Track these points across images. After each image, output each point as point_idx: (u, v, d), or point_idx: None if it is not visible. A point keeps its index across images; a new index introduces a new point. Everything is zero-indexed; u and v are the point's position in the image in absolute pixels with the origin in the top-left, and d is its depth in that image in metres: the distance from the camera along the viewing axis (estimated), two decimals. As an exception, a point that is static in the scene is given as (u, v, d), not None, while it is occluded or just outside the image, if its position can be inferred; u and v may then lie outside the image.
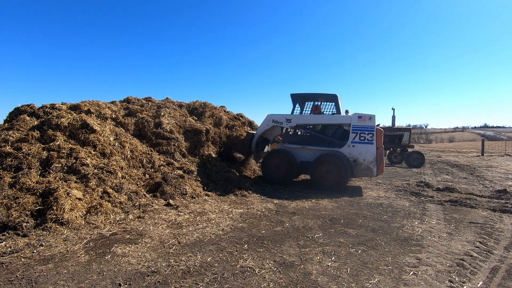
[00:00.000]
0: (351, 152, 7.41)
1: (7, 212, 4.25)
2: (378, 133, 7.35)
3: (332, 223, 4.87)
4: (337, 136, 7.81)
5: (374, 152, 7.24)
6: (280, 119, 8.26)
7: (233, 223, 4.77)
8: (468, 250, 3.80)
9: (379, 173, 7.36)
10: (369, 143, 7.30)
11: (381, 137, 7.40)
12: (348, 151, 7.43)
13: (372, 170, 7.25)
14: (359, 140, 7.37)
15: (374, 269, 3.28)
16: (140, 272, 3.13)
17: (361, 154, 7.33)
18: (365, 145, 7.32)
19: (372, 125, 7.34)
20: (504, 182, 8.74)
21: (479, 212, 5.63)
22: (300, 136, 8.38)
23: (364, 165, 7.31)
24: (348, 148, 7.44)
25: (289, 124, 8.15)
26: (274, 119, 8.32)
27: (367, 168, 7.29)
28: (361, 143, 7.35)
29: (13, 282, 2.90)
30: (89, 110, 7.25)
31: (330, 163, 7.38)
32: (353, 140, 7.42)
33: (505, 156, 16.57)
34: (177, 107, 9.63)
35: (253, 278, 3.05)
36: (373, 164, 7.25)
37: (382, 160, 7.34)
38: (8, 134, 5.84)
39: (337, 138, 7.75)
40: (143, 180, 6.36)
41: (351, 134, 7.43)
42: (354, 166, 7.36)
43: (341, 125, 7.84)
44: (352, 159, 7.38)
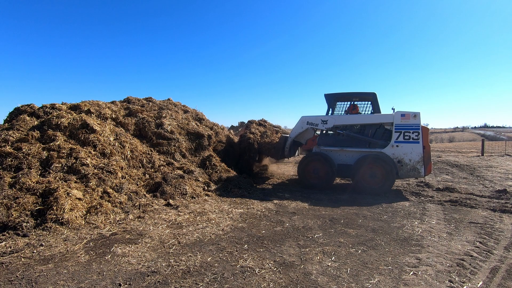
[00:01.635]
0: (395, 153, 7.07)
1: (7, 212, 4.25)
2: (424, 131, 6.99)
3: (332, 223, 4.87)
4: (377, 136, 7.47)
5: (421, 151, 6.91)
6: (315, 121, 7.97)
7: (233, 223, 4.77)
8: (468, 250, 3.80)
9: (427, 174, 7.01)
10: (414, 142, 6.96)
11: (427, 135, 7.05)
12: (392, 151, 7.09)
13: (419, 171, 6.91)
14: (403, 139, 7.04)
15: (374, 269, 3.28)
16: (140, 272, 3.13)
17: (406, 154, 6.99)
18: (411, 144, 6.98)
19: (417, 123, 6.97)
20: (504, 182, 8.74)
21: (479, 212, 5.62)
22: (336, 137, 7.89)
23: (410, 166, 6.98)
24: (391, 148, 7.10)
25: (325, 126, 7.82)
26: (309, 121, 8.03)
27: (414, 168, 6.96)
28: (406, 142, 7.01)
29: (13, 282, 2.90)
30: (89, 110, 7.25)
31: (373, 165, 7.08)
32: (396, 139, 7.08)
33: (505, 156, 16.57)
34: (180, 109, 9.65)
35: (253, 278, 3.04)
36: (420, 164, 6.91)
37: (429, 160, 7.02)
38: (8, 134, 5.84)
39: (378, 139, 7.42)
40: (143, 180, 6.36)
41: (394, 134, 7.09)
42: (399, 167, 7.03)
43: (382, 124, 7.45)
44: (396, 159, 7.05)
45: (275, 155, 8.53)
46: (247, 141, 8.76)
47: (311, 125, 8.03)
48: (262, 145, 8.70)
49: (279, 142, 8.37)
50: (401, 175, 7.11)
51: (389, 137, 7.26)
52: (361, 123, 7.74)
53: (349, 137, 7.67)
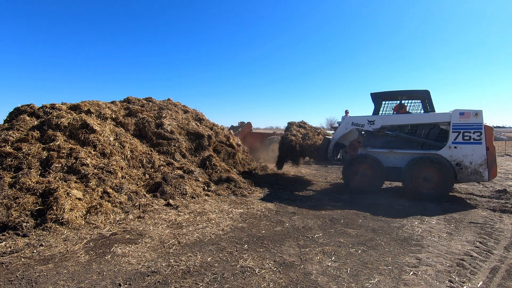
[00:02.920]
0: (453, 154, 6.42)
1: (7, 212, 4.25)
2: (487, 131, 6.29)
3: (332, 223, 4.87)
4: (431, 137, 6.90)
5: (484, 153, 6.21)
6: (360, 121, 7.43)
7: (233, 223, 4.77)
8: (468, 250, 3.80)
9: (491, 178, 6.32)
10: (476, 143, 6.26)
11: (491, 135, 6.38)
12: (449, 153, 6.45)
13: (482, 174, 6.22)
14: (463, 140, 6.35)
15: (374, 269, 3.28)
16: (140, 272, 3.13)
17: (466, 156, 6.33)
18: (471, 145, 6.29)
19: (479, 121, 6.26)
20: (504, 182, 8.74)
21: (479, 212, 5.62)
22: (384, 139, 7.32)
23: (471, 169, 6.30)
24: (448, 150, 6.45)
25: (372, 127, 7.25)
26: (354, 121, 7.52)
27: (475, 172, 6.27)
28: (466, 143, 6.33)
29: (13, 282, 2.90)
30: (89, 110, 7.26)
31: (428, 168, 6.52)
32: (454, 140, 6.42)
33: (505, 156, 16.57)
34: (180, 110, 9.65)
35: (253, 278, 3.04)
36: (483, 167, 6.21)
37: (494, 162, 6.32)
38: (8, 134, 5.84)
39: (432, 140, 6.85)
40: (143, 180, 6.37)
41: (452, 134, 6.43)
42: (458, 171, 6.39)
43: (437, 124, 6.80)
44: (454, 162, 6.41)
45: (318, 157, 8.37)
46: (289, 143, 8.63)
47: (357, 126, 7.49)
48: (304, 147, 8.59)
49: (322, 144, 8.16)
50: (460, 179, 6.46)
51: (445, 137, 6.67)
52: (412, 123, 7.12)
53: (399, 138, 7.13)
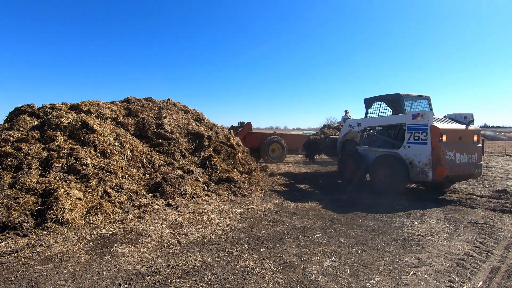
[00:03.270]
0: (407, 154, 6.75)
1: (7, 212, 4.25)
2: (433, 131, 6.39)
3: (332, 223, 4.87)
4: (398, 138, 7.27)
5: (429, 153, 6.35)
6: (353, 124, 8.93)
7: (233, 223, 4.77)
8: (468, 250, 3.80)
9: (437, 178, 6.33)
10: (422, 143, 6.49)
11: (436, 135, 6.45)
12: (405, 152, 6.80)
13: (427, 174, 6.39)
14: (414, 140, 6.65)
15: (374, 269, 3.28)
16: (140, 272, 3.12)
17: (416, 155, 6.58)
18: (419, 145, 6.54)
19: (425, 122, 6.47)
20: (504, 182, 8.73)
21: (479, 212, 5.62)
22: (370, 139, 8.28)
23: (419, 168, 6.52)
24: (404, 149, 6.82)
25: (359, 128, 8.59)
26: (350, 124, 9.09)
27: (422, 171, 6.48)
28: (416, 143, 6.61)
29: (13, 282, 2.90)
30: (89, 110, 7.25)
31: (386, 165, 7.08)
32: (408, 140, 6.75)
33: (505, 156, 16.56)
34: (180, 110, 9.65)
35: (253, 278, 3.04)
36: (427, 167, 6.37)
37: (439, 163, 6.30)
38: (8, 134, 5.84)
39: (398, 140, 7.23)
40: (143, 180, 6.37)
41: (407, 134, 6.78)
42: (410, 169, 6.67)
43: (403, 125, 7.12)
44: (408, 161, 6.72)
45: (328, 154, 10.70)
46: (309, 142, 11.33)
47: (351, 127, 8.97)
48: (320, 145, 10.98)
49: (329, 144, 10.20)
50: (412, 177, 6.72)
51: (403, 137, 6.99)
52: (382, 125, 8.03)
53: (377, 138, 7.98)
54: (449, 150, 6.37)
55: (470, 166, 6.64)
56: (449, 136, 6.42)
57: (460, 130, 6.64)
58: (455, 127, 6.67)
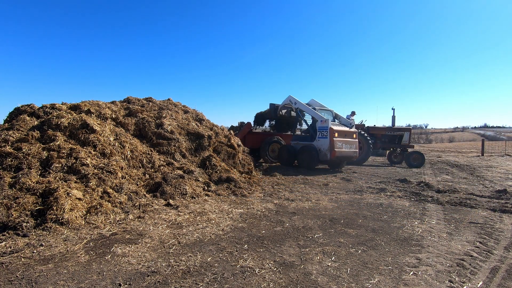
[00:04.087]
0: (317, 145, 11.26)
1: (7, 212, 4.25)
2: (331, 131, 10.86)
3: (332, 223, 4.87)
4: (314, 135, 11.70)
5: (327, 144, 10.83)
6: None
7: (233, 223, 4.77)
8: (468, 250, 3.80)
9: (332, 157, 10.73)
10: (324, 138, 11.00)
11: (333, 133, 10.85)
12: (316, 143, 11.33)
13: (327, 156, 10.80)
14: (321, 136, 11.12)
15: (374, 269, 3.28)
16: (140, 272, 3.12)
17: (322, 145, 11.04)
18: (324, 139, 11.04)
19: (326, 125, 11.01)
20: (504, 182, 8.74)
21: (479, 212, 5.62)
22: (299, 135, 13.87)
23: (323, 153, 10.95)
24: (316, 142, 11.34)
25: None
26: None
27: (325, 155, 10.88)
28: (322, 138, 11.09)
29: (13, 282, 2.90)
30: (89, 110, 7.25)
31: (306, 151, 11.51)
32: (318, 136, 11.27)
33: (505, 156, 16.56)
34: (180, 110, 9.64)
35: (253, 278, 3.04)
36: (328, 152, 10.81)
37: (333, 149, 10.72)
38: (8, 134, 5.84)
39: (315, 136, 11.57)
40: (143, 180, 6.36)
41: (318, 132, 11.30)
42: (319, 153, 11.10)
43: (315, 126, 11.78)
44: (318, 149, 11.18)
45: None
46: None
47: None
48: None
49: None
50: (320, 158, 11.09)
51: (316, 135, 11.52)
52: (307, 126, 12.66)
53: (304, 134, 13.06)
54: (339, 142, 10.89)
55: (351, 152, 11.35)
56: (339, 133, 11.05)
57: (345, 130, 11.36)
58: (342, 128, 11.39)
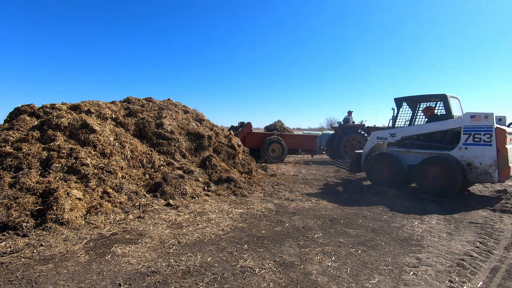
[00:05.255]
0: (464, 155, 6.64)
1: (7, 212, 4.25)
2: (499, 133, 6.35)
3: (332, 223, 4.87)
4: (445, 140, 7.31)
5: (494, 154, 6.29)
6: (383, 135, 8.08)
7: (233, 223, 4.77)
8: (468, 250, 3.80)
9: (502, 179, 6.33)
10: (486, 144, 6.40)
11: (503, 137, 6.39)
12: (460, 154, 6.69)
13: (492, 175, 6.30)
14: (473, 141, 6.55)
15: (374, 269, 3.28)
16: (140, 272, 3.12)
17: (476, 157, 6.50)
18: (481, 147, 6.45)
19: (490, 124, 6.39)
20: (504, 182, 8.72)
21: (479, 212, 5.62)
22: None
23: (481, 169, 6.43)
24: (459, 150, 6.71)
25: (394, 138, 7.77)
26: (378, 135, 8.18)
27: (485, 172, 6.38)
28: (476, 144, 6.52)
29: (13, 282, 2.90)
30: (89, 110, 7.25)
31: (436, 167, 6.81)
32: (465, 141, 6.64)
33: (505, 156, 16.53)
34: (180, 110, 9.65)
35: (253, 278, 3.04)
36: (492, 168, 6.29)
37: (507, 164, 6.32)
38: (8, 134, 5.84)
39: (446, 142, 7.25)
40: (143, 180, 6.36)
41: (463, 136, 6.66)
42: (468, 170, 6.58)
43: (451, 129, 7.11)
44: (465, 162, 6.60)
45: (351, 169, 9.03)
46: None
47: (381, 139, 8.12)
48: None
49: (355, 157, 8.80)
50: (470, 178, 6.62)
51: (457, 139, 6.86)
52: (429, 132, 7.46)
53: None
54: None
55: None
56: None
57: None
58: None
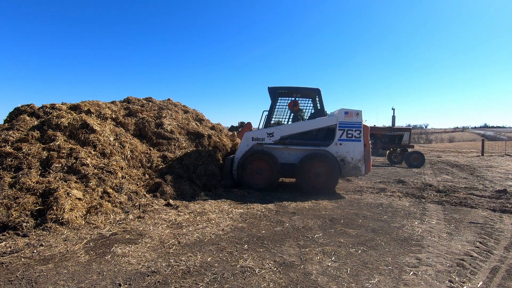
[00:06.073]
0: (339, 151, 7.07)
1: (7, 212, 4.25)
2: (365, 130, 7.07)
3: (332, 223, 4.87)
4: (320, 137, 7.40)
5: (362, 149, 7.00)
6: (260, 135, 7.44)
7: (233, 223, 4.77)
8: (468, 250, 3.80)
9: (367, 172, 7.15)
10: (356, 140, 7.01)
11: (367, 133, 7.16)
12: (335, 149, 7.08)
13: (360, 169, 7.01)
14: (347, 137, 7.04)
15: (374, 269, 3.28)
16: (140, 272, 3.13)
17: (348, 152, 7.02)
18: (353, 142, 7.03)
19: (359, 121, 7.04)
20: (504, 182, 8.74)
21: (479, 212, 5.63)
22: None
23: (352, 164, 7.02)
24: (335, 146, 7.08)
25: (273, 139, 7.32)
26: (254, 136, 7.47)
27: (355, 167, 7.02)
28: (349, 140, 7.03)
29: (13, 282, 2.90)
30: (89, 110, 7.25)
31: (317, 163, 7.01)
32: (340, 137, 7.07)
33: (505, 156, 16.57)
34: (180, 110, 9.64)
35: (253, 278, 3.05)
36: (361, 163, 7.01)
37: (369, 158, 7.17)
38: (8, 134, 5.84)
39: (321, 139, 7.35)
40: (143, 180, 6.36)
41: (338, 131, 7.06)
42: (342, 166, 7.02)
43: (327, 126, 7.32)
44: (339, 158, 7.03)
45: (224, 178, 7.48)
46: None
47: (257, 141, 7.45)
48: None
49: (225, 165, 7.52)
50: (343, 174, 7.11)
51: (332, 135, 7.18)
52: (307, 130, 7.40)
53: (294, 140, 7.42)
54: None
55: None
56: None
57: None
58: None
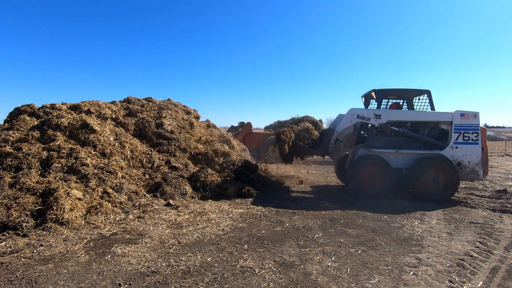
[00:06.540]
0: (455, 155, 6.61)
1: (7, 212, 4.25)
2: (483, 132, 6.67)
3: (332, 223, 4.87)
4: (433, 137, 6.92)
5: (480, 153, 6.59)
6: (367, 114, 6.98)
7: (233, 223, 4.77)
8: (468, 250, 3.80)
9: (485, 176, 6.76)
10: (474, 143, 6.59)
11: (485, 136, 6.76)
12: (451, 153, 6.61)
13: (478, 173, 6.59)
14: (463, 140, 6.59)
15: (374, 269, 3.28)
16: (140, 272, 3.12)
17: (465, 156, 6.60)
18: (470, 145, 6.60)
19: (477, 123, 6.60)
20: (504, 182, 8.73)
21: (479, 212, 5.63)
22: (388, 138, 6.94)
23: (470, 168, 6.61)
24: (451, 150, 6.62)
25: (379, 121, 6.84)
26: (360, 114, 7.01)
27: (473, 171, 6.60)
28: (465, 143, 6.59)
29: (13, 282, 2.90)
30: (89, 110, 7.25)
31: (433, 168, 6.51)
32: (455, 140, 6.61)
33: (505, 156, 16.56)
34: (180, 110, 9.64)
35: (253, 278, 3.04)
36: (479, 166, 6.58)
37: (487, 162, 6.75)
38: (8, 134, 5.84)
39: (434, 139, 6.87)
40: (143, 180, 6.36)
41: (454, 134, 6.61)
42: (458, 170, 6.59)
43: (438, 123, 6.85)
44: (456, 162, 6.60)
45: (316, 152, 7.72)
46: None
47: (362, 119, 7.01)
48: None
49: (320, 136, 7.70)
50: (460, 178, 6.67)
51: (446, 137, 6.78)
52: (416, 120, 7.00)
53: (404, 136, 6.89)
54: None
55: None
56: None
57: None
58: None
